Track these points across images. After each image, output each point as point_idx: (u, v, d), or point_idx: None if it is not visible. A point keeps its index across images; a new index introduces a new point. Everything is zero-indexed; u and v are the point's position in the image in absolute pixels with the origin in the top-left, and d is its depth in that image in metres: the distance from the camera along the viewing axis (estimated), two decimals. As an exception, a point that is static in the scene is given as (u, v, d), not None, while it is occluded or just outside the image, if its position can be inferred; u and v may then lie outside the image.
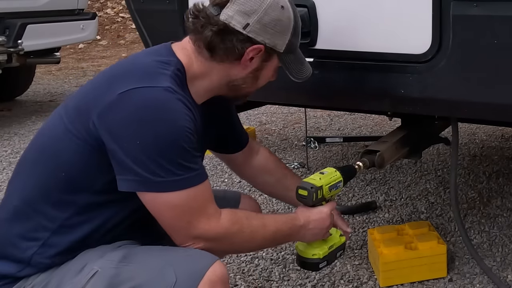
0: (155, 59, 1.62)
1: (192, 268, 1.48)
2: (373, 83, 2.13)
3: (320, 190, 1.80)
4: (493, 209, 3.04)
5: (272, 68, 1.75)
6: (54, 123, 1.65)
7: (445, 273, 2.43)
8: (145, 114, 1.50)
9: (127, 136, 1.50)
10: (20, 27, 4.85)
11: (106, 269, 1.51)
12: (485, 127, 4.39)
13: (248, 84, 1.73)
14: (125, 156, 1.50)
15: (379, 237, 2.49)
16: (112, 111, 1.51)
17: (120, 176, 1.53)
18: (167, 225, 1.57)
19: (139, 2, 2.65)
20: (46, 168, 1.60)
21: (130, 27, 10.54)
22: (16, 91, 6.18)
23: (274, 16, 1.65)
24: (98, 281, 1.49)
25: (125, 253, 1.55)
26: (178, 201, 1.53)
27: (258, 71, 1.72)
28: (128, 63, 1.68)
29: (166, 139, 1.50)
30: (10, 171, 3.95)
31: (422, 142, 2.57)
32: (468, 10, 1.87)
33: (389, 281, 2.39)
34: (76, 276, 1.52)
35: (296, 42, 1.75)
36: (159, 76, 1.56)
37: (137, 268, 1.51)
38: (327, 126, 4.76)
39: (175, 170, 1.51)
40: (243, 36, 1.63)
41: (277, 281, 2.47)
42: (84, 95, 1.62)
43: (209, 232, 1.57)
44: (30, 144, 1.71)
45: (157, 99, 1.52)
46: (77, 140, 1.56)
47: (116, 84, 1.55)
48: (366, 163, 2.17)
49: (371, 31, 2.08)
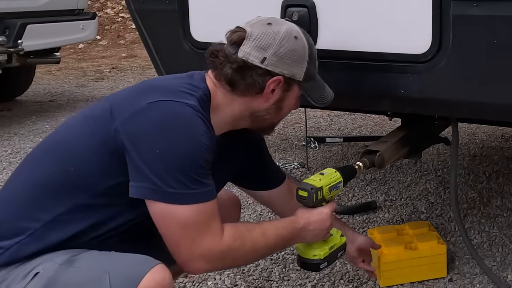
0: (186, 81, 1.69)
1: (128, 274, 1.46)
2: (373, 83, 2.13)
3: (320, 191, 1.80)
4: (493, 209, 3.04)
5: (293, 97, 1.79)
6: (77, 121, 1.69)
7: (445, 273, 2.43)
8: (168, 125, 1.55)
9: (148, 144, 1.54)
10: (20, 27, 4.85)
11: (47, 271, 1.51)
12: (485, 127, 4.39)
13: (271, 115, 1.77)
14: (142, 162, 1.53)
15: (379, 237, 2.49)
16: (138, 117, 1.57)
17: (134, 182, 1.55)
18: (172, 241, 1.57)
19: (139, 2, 2.66)
20: (58, 159, 1.63)
21: (130, 27, 10.53)
22: (16, 91, 6.17)
23: (289, 47, 1.71)
24: (37, 282, 1.49)
25: (70, 257, 1.54)
26: (186, 215, 1.54)
27: (280, 101, 1.76)
28: (159, 81, 1.77)
29: (184, 152, 1.54)
30: (10, 171, 3.95)
31: (422, 142, 2.57)
32: (468, 10, 1.87)
33: (389, 281, 2.39)
34: (23, 279, 1.52)
35: (314, 69, 1.80)
36: (187, 95, 1.63)
37: (75, 273, 1.50)
38: (327, 126, 4.76)
39: (188, 183, 1.53)
40: (262, 70, 1.69)
41: (277, 281, 2.47)
42: (112, 101, 1.67)
43: (212, 251, 1.57)
44: (48, 136, 1.75)
45: (181, 113, 1.58)
46: (95, 138, 1.59)
47: (146, 95, 1.62)
48: (366, 163, 2.16)
49: (371, 31, 2.08)
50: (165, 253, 1.60)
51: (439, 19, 1.93)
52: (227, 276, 2.50)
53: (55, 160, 1.63)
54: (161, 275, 1.47)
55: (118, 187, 1.58)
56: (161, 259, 1.54)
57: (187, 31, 2.49)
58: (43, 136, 4.76)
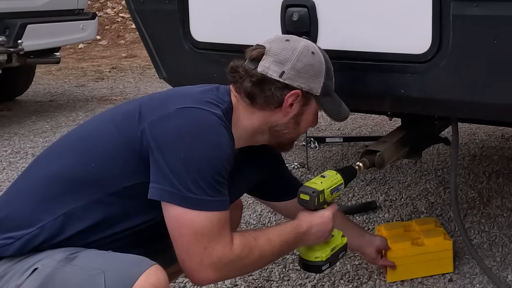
0: (213, 93, 1.74)
1: (123, 275, 1.46)
2: (373, 83, 2.13)
3: (322, 194, 1.81)
4: (493, 209, 3.05)
5: (311, 112, 1.82)
6: (103, 119, 1.72)
7: (452, 268, 2.45)
8: (195, 131, 1.59)
9: (173, 147, 1.56)
10: (20, 27, 4.85)
11: (45, 267, 1.52)
12: (485, 127, 4.39)
13: (290, 129, 1.80)
14: (165, 165, 1.55)
15: (386, 233, 2.52)
16: (166, 121, 1.61)
17: (155, 184, 1.57)
18: (183, 248, 1.57)
19: (139, 2, 2.65)
20: (80, 155, 1.65)
21: (130, 27, 10.53)
22: (16, 91, 6.17)
23: (306, 62, 1.75)
24: (34, 279, 1.51)
25: (69, 254, 1.55)
26: (201, 222, 1.55)
27: (298, 116, 1.79)
28: (187, 90, 1.79)
29: (208, 159, 1.56)
30: (10, 171, 3.96)
31: (422, 142, 2.57)
32: (468, 10, 1.87)
33: (396, 277, 2.41)
34: (22, 274, 1.53)
35: (331, 85, 1.84)
36: (214, 106, 1.68)
37: (71, 272, 1.50)
38: (327, 126, 4.76)
39: (207, 190, 1.55)
40: (281, 83, 1.74)
41: (277, 281, 2.47)
42: (141, 103, 1.70)
43: (221, 260, 1.58)
44: (73, 130, 1.77)
45: (208, 121, 1.63)
46: (120, 138, 1.62)
47: (175, 101, 1.67)
48: (366, 163, 2.17)
49: (371, 31, 2.08)
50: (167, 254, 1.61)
51: (439, 19, 1.93)
52: (227, 276, 2.50)
53: (76, 155, 1.65)
54: (156, 277, 1.47)
55: (134, 188, 1.60)
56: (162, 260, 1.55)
57: (187, 31, 2.49)
58: (43, 136, 4.76)
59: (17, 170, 3.96)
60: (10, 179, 3.78)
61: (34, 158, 1.75)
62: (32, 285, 1.50)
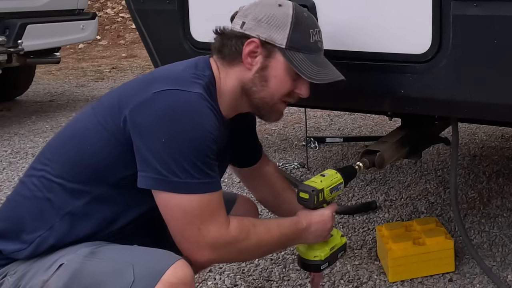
0: (191, 71, 1.69)
1: (151, 268, 1.48)
2: (373, 83, 2.13)
3: (321, 193, 1.80)
4: (493, 209, 3.05)
5: (279, 68, 1.71)
6: (85, 115, 1.70)
7: (453, 267, 2.46)
8: (174, 114, 1.55)
9: (154, 132, 1.54)
10: (20, 27, 4.85)
11: (71, 262, 1.53)
12: (485, 127, 4.40)
13: (257, 87, 1.72)
14: (148, 152, 1.54)
15: (388, 233, 2.53)
16: (144, 107, 1.57)
17: (141, 172, 1.56)
18: (177, 231, 1.58)
19: (139, 2, 2.65)
20: (70, 154, 1.64)
21: (130, 27, 10.54)
22: (16, 91, 6.18)
23: (268, 12, 1.71)
24: (62, 273, 1.52)
25: (93, 249, 1.57)
26: (192, 205, 1.54)
27: (263, 70, 1.71)
28: (164, 70, 1.76)
29: (190, 141, 1.53)
30: (10, 171, 3.96)
31: (422, 142, 2.57)
32: (468, 10, 1.87)
33: (398, 277, 2.42)
34: (46, 270, 1.55)
35: (304, 41, 1.73)
36: (193, 84, 1.63)
37: (99, 265, 1.52)
38: (327, 126, 4.76)
39: (194, 173, 1.53)
40: (240, 34, 1.71)
41: (277, 281, 2.47)
42: (120, 93, 1.68)
43: (217, 240, 1.58)
44: (59, 132, 1.76)
45: (188, 102, 1.58)
46: (105, 131, 1.60)
47: (152, 85, 1.62)
48: (366, 163, 2.17)
49: (371, 31, 2.08)
50: None
51: (439, 19, 1.93)
52: (227, 276, 2.50)
53: (67, 155, 1.65)
54: (183, 271, 1.49)
55: (129, 179, 1.59)
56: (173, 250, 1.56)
57: (187, 31, 2.49)
58: (43, 136, 4.76)
59: (17, 170, 3.96)
60: (10, 179, 3.79)
61: (32, 161, 1.75)
62: (60, 279, 1.51)
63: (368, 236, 2.81)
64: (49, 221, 1.61)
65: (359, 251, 2.67)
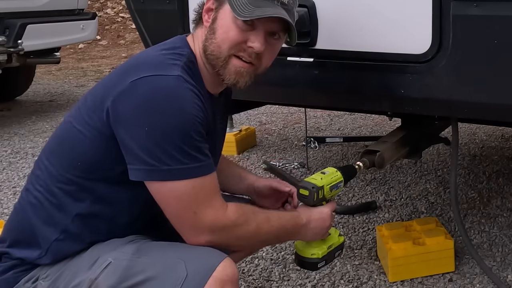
0: (168, 51, 1.63)
1: (203, 264, 1.49)
2: (373, 83, 2.12)
3: (321, 190, 1.80)
4: (493, 209, 3.05)
5: (226, 16, 1.64)
6: (74, 115, 1.68)
7: (453, 267, 2.46)
8: (154, 101, 1.51)
9: (135, 123, 1.51)
10: (20, 27, 4.85)
11: (120, 260, 1.53)
12: (485, 127, 4.40)
13: (208, 41, 1.65)
14: (133, 143, 1.51)
15: (388, 234, 2.53)
16: (123, 98, 1.53)
17: (130, 165, 1.54)
18: (174, 216, 1.57)
19: (139, 2, 2.66)
20: (65, 158, 1.63)
21: (130, 27, 10.54)
22: (16, 91, 6.18)
23: None
24: (112, 271, 1.52)
25: (138, 246, 1.57)
26: (184, 190, 1.53)
27: (213, 22, 1.66)
28: (141, 56, 1.69)
29: (173, 126, 1.50)
30: (10, 171, 3.96)
31: (422, 142, 2.57)
32: (468, 10, 1.87)
33: (398, 276, 2.42)
34: (90, 268, 1.55)
35: None
36: (171, 66, 1.57)
37: (149, 261, 1.52)
38: (327, 126, 4.76)
39: (182, 158, 1.51)
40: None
41: (277, 281, 2.47)
42: (100, 87, 1.65)
43: (215, 223, 1.56)
44: (51, 136, 1.75)
45: (166, 87, 1.53)
46: (92, 129, 1.58)
47: (129, 73, 1.57)
48: (366, 163, 2.17)
49: (371, 31, 2.08)
50: None
51: (439, 19, 1.93)
52: (227, 276, 2.50)
53: (63, 159, 1.64)
54: (231, 269, 1.50)
55: (126, 174, 1.57)
56: None
57: (187, 31, 2.48)
58: (43, 136, 4.76)
59: (17, 170, 3.96)
60: (10, 179, 3.79)
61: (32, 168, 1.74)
62: (111, 277, 1.51)
63: (368, 236, 2.81)
64: (60, 225, 1.61)
65: (359, 251, 2.67)
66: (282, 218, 1.73)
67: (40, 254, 1.61)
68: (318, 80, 2.20)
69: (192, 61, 1.64)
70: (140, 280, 1.49)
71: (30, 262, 1.63)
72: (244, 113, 5.02)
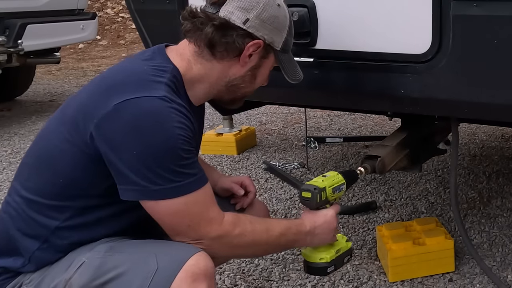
0: (150, 66, 1.62)
1: (174, 257, 1.49)
2: (373, 83, 2.12)
3: (324, 192, 1.79)
4: (493, 209, 3.04)
5: (268, 67, 1.75)
6: (52, 130, 1.65)
7: (453, 267, 2.46)
8: (140, 124, 1.50)
9: (124, 147, 1.50)
10: (20, 27, 4.85)
11: (92, 259, 1.54)
12: (485, 127, 4.39)
13: (246, 83, 1.73)
14: (123, 166, 1.51)
15: (388, 234, 2.53)
16: (108, 122, 1.51)
17: (121, 185, 1.54)
18: (169, 230, 1.59)
19: (139, 2, 2.65)
20: (45, 175, 1.62)
21: (130, 27, 10.54)
22: (16, 91, 6.18)
23: (272, 13, 1.68)
24: (84, 270, 1.52)
25: (113, 245, 1.58)
26: (177, 207, 1.54)
27: (256, 69, 1.72)
28: (122, 72, 1.65)
29: (162, 148, 1.50)
30: (10, 171, 3.96)
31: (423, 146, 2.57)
32: (468, 10, 1.87)
33: (398, 276, 2.42)
34: (66, 270, 1.56)
35: (291, 42, 1.77)
36: (154, 85, 1.56)
37: (121, 258, 1.53)
38: (327, 126, 4.76)
39: (173, 177, 1.51)
40: (244, 31, 1.64)
41: (277, 281, 2.47)
42: (80, 104, 1.61)
43: (210, 235, 1.57)
44: (29, 149, 1.72)
45: (152, 109, 1.52)
46: (75, 148, 1.57)
47: (112, 95, 1.54)
48: (367, 169, 2.21)
49: (371, 31, 2.08)
50: None
51: (439, 19, 1.93)
52: (227, 276, 2.50)
53: (43, 176, 1.62)
54: (205, 262, 1.50)
55: (112, 188, 1.56)
56: None
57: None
58: (43, 136, 4.76)
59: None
60: (10, 179, 3.79)
61: (13, 178, 1.73)
62: (83, 276, 1.52)
63: (368, 236, 2.81)
64: (41, 236, 1.60)
65: (359, 251, 2.67)
66: (283, 226, 1.72)
67: (23, 262, 1.61)
68: (318, 80, 2.20)
69: (175, 76, 1.62)
70: (111, 276, 1.50)
71: (14, 270, 1.62)
72: (244, 113, 5.02)
